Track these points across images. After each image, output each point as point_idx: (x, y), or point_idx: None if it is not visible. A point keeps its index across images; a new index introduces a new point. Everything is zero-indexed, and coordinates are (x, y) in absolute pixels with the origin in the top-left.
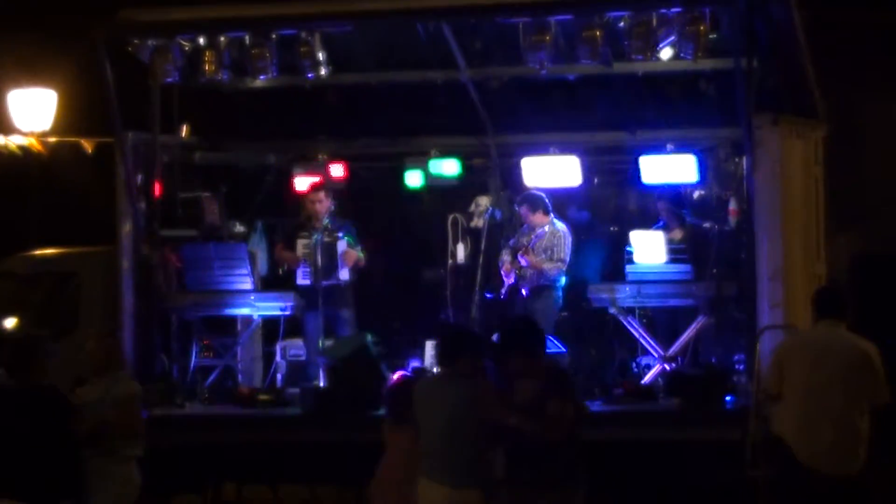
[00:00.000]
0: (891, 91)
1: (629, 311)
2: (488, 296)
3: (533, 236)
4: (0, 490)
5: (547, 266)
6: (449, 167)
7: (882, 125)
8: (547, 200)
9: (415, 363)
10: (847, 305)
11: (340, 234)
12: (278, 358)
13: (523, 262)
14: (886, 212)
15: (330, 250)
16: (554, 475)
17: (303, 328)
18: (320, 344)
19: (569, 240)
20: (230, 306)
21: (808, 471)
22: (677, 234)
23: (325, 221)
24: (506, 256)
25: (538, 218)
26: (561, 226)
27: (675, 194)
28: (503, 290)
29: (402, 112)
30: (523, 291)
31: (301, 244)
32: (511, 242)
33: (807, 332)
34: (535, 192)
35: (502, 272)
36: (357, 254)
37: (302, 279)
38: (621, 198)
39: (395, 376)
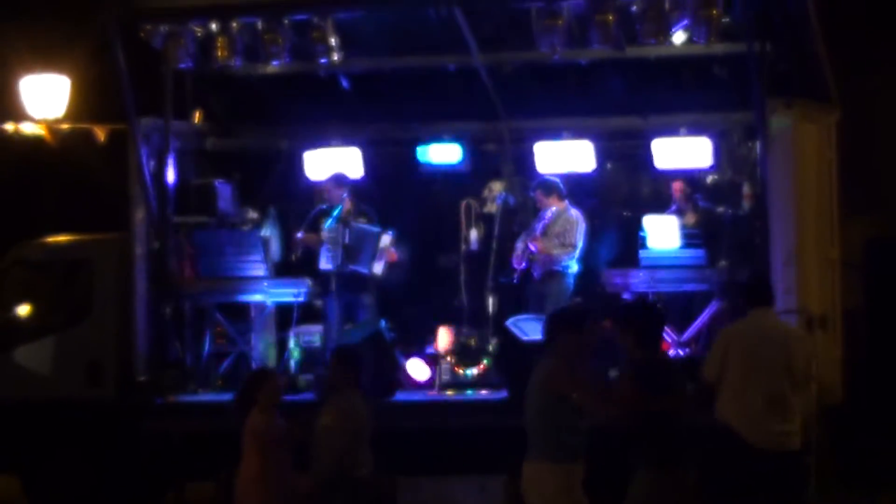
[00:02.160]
0: None
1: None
2: (503, 280)
3: (546, 220)
4: None
5: (556, 251)
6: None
7: (894, 108)
8: (561, 185)
9: (429, 349)
10: (774, 293)
11: (385, 229)
12: (292, 344)
13: (532, 248)
14: None
15: (363, 236)
16: (662, 455)
17: (323, 312)
18: (344, 328)
19: (582, 226)
20: (243, 293)
21: (759, 451)
22: (690, 218)
23: (348, 207)
24: (520, 244)
25: (552, 202)
26: (574, 212)
27: (689, 178)
28: (515, 276)
29: (415, 97)
30: (535, 275)
31: (326, 227)
32: (527, 231)
33: (745, 321)
34: (550, 177)
35: (513, 260)
36: (395, 253)
37: (325, 263)
38: (634, 182)
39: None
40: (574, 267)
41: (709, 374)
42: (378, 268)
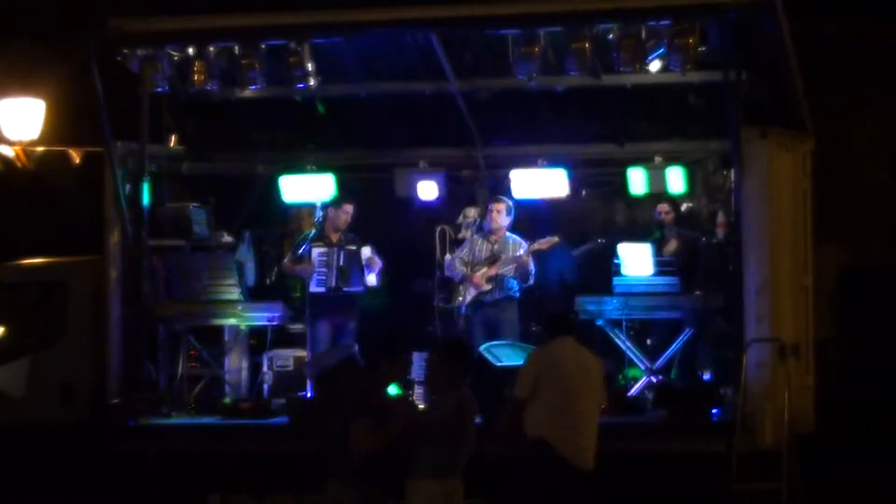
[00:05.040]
0: (877, 104)
1: (616, 323)
2: (439, 304)
3: (491, 248)
4: None
5: (504, 270)
6: None
7: (869, 138)
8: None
9: None
10: (573, 325)
11: (359, 243)
12: (265, 368)
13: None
14: (872, 225)
15: (353, 258)
16: None
17: (309, 335)
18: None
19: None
20: (218, 316)
21: (565, 466)
22: (672, 245)
23: (342, 231)
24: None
25: (505, 221)
26: (515, 237)
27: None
28: (463, 304)
29: (391, 123)
30: (486, 300)
31: (317, 252)
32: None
33: (551, 348)
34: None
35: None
36: (378, 259)
37: (316, 287)
38: (610, 210)
39: None
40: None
41: (520, 392)
42: (372, 279)
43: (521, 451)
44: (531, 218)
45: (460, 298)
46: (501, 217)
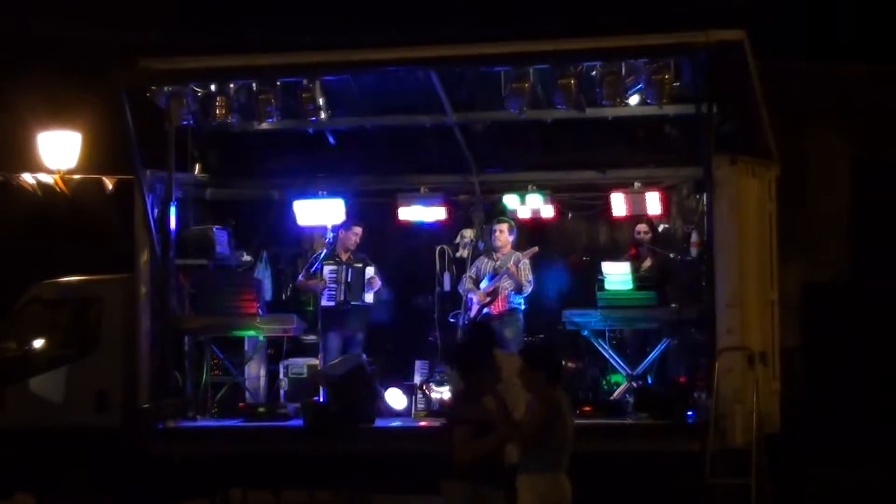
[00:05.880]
0: (836, 137)
1: (600, 333)
2: (451, 320)
3: (498, 265)
4: None
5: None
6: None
7: (828, 167)
8: None
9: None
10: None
11: (366, 262)
12: (281, 375)
13: (477, 301)
14: (831, 245)
15: (359, 275)
16: None
17: (322, 345)
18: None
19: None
20: (238, 328)
21: None
22: (648, 261)
23: (352, 251)
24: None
25: (508, 239)
26: (516, 253)
27: (648, 223)
28: (462, 317)
29: (394, 153)
30: (492, 313)
31: (328, 270)
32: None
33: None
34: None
35: (474, 301)
36: (378, 280)
37: (327, 301)
38: (593, 230)
39: None
40: (522, 304)
41: None
42: (369, 297)
43: None
44: (523, 237)
45: (468, 313)
46: (504, 236)
